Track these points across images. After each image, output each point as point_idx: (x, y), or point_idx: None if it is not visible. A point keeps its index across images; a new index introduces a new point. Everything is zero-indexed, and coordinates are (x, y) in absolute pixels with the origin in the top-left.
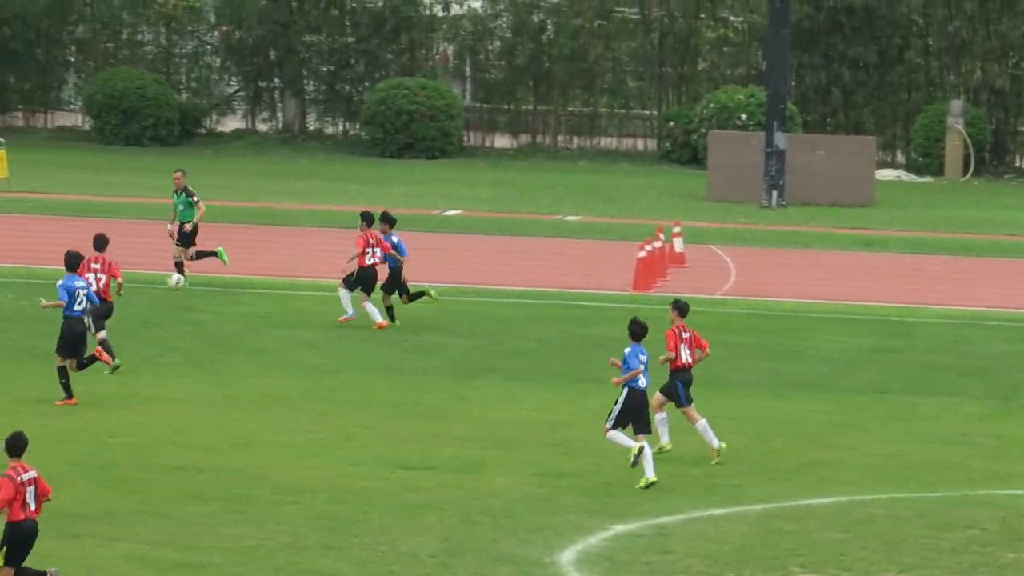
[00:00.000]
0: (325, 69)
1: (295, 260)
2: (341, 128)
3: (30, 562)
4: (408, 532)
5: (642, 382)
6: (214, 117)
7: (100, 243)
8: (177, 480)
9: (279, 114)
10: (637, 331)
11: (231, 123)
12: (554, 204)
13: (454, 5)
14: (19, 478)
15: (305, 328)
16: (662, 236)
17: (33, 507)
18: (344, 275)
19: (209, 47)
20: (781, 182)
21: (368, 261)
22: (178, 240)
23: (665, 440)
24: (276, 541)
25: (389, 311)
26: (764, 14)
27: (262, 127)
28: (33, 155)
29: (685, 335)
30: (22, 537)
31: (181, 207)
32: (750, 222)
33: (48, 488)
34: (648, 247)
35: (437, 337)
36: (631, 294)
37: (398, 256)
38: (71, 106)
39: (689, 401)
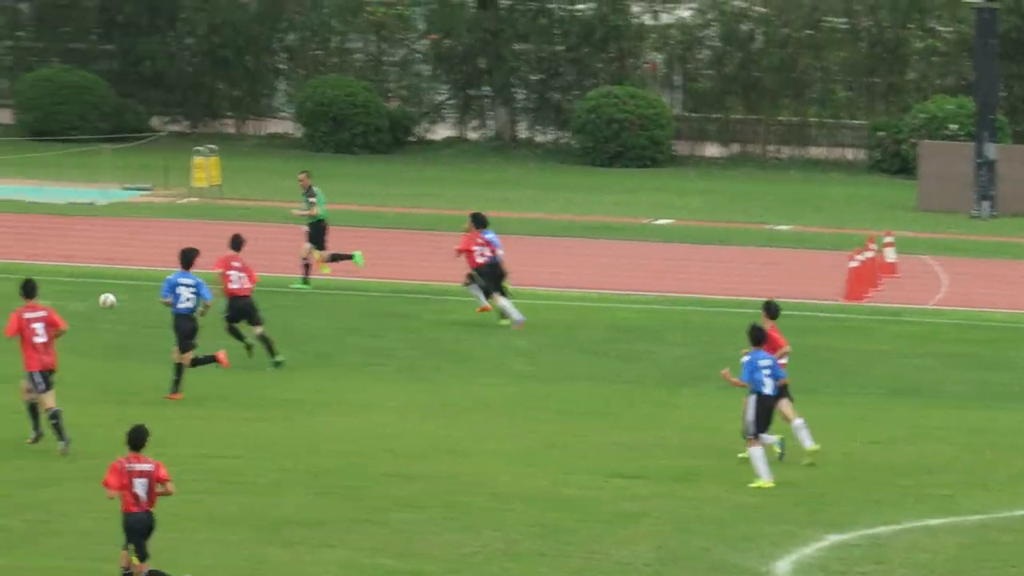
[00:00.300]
0: (535, 78)
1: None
2: (551, 136)
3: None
4: (622, 540)
5: (768, 388)
6: (424, 125)
7: (237, 243)
8: (390, 487)
9: (489, 122)
10: (758, 337)
11: (441, 131)
12: (764, 214)
13: (663, 14)
14: (128, 466)
15: (515, 336)
16: (873, 246)
17: (144, 499)
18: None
19: (419, 55)
20: (992, 192)
21: (479, 259)
22: (309, 239)
23: (809, 444)
24: (491, 548)
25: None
26: (972, 24)
27: (472, 135)
28: (244, 162)
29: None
30: (133, 528)
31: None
32: (961, 232)
33: (165, 477)
34: (860, 257)
35: (648, 346)
36: (843, 304)
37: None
38: (281, 113)
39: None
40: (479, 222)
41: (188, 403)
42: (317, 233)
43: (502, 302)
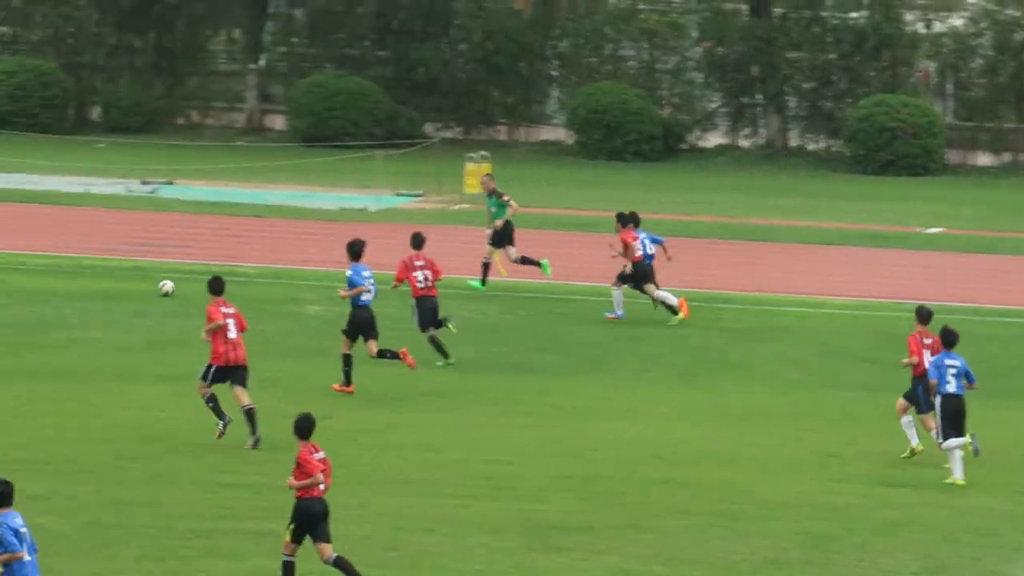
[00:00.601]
0: (807, 86)
1: (776, 276)
2: (823, 144)
3: (338, 547)
4: (890, 549)
5: (951, 387)
6: (696, 133)
7: (418, 241)
8: (660, 493)
9: (761, 130)
10: (949, 339)
11: (713, 139)
12: None
13: (936, 23)
14: (314, 455)
15: (787, 344)
16: None
17: (323, 487)
18: (619, 274)
19: (691, 63)
20: None
21: (639, 254)
22: (491, 240)
23: (915, 443)
24: (759, 556)
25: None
26: None
27: (744, 143)
28: (516, 169)
29: (927, 341)
30: (309, 515)
31: (493, 209)
32: None
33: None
34: None
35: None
36: None
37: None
38: (554, 120)
39: (930, 408)
40: (630, 220)
41: (457, 408)
42: (506, 234)
43: (659, 294)
